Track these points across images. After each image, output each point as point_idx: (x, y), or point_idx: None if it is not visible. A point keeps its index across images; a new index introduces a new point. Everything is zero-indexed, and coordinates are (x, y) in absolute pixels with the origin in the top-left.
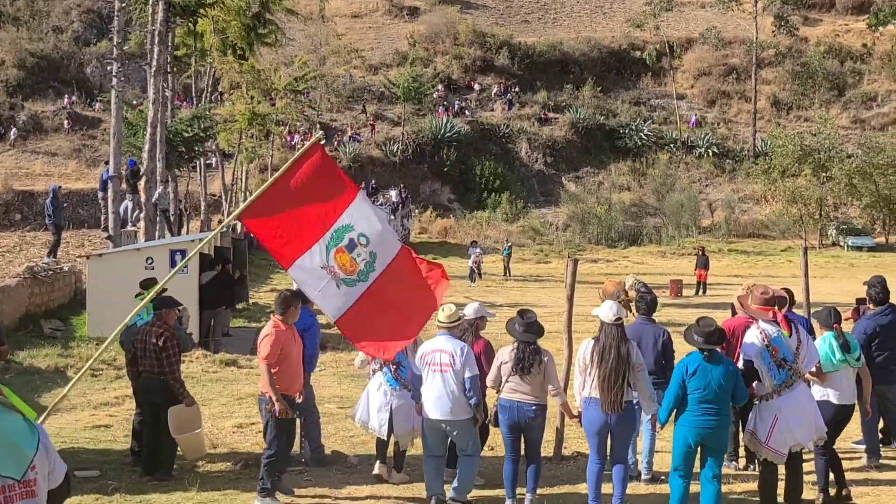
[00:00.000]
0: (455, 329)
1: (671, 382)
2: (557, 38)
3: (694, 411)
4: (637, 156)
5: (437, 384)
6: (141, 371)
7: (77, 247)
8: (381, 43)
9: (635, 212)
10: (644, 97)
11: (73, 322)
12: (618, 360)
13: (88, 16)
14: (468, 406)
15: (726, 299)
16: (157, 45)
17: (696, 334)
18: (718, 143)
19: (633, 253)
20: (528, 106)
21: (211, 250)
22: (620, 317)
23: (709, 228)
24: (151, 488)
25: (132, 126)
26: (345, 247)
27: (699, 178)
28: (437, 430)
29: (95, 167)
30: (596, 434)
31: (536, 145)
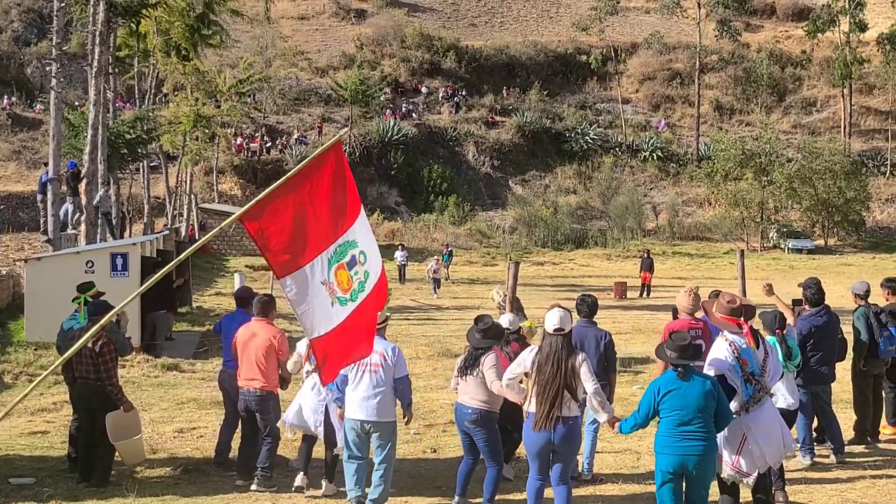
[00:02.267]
0: (383, 330)
1: (641, 402)
2: (504, 42)
3: (672, 436)
4: (583, 159)
5: (366, 384)
6: (77, 377)
7: (17, 250)
8: (328, 45)
9: (581, 215)
10: (590, 101)
11: (11, 327)
12: (555, 373)
13: (29, 15)
14: (394, 408)
15: (670, 301)
16: (98, 45)
17: (669, 349)
18: (663, 146)
19: (579, 255)
20: (475, 109)
21: (154, 253)
22: (563, 327)
23: (653, 231)
24: (88, 495)
25: (73, 127)
26: (346, 263)
27: (644, 182)
28: (359, 431)
29: (36, 169)
30: (536, 454)
31: (483, 148)
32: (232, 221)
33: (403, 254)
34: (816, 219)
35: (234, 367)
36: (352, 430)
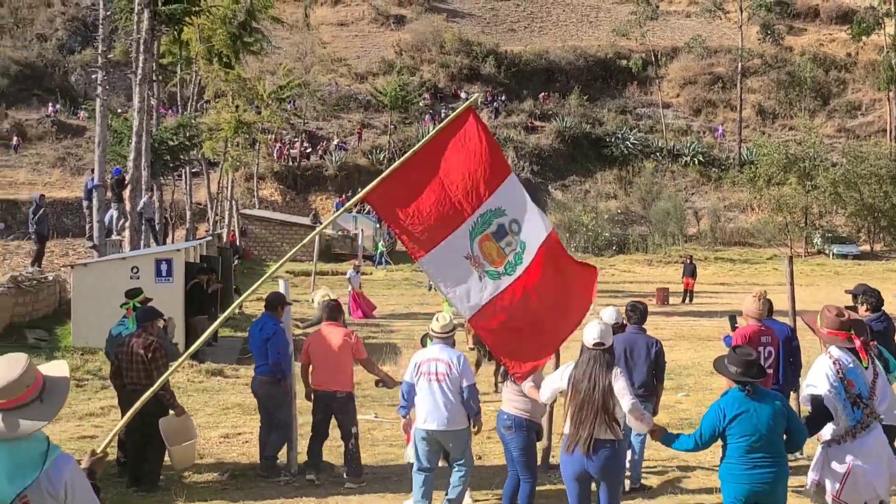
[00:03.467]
0: (449, 339)
1: (704, 425)
2: (544, 47)
3: (742, 463)
4: (623, 164)
5: (434, 394)
6: (126, 383)
7: (61, 256)
8: (368, 51)
9: (622, 220)
10: (630, 106)
11: (58, 332)
12: (591, 392)
13: (73, 24)
14: (464, 416)
15: (713, 307)
16: (142, 53)
17: (732, 364)
18: (704, 151)
19: (620, 261)
20: (514, 114)
21: (197, 258)
22: (603, 341)
23: (695, 236)
24: (138, 499)
25: (117, 134)
26: (492, 234)
27: (685, 187)
28: (431, 441)
29: (80, 176)
30: (572, 479)
31: (523, 154)
32: (357, 200)
33: None
34: (862, 224)
35: (264, 373)
36: (422, 441)
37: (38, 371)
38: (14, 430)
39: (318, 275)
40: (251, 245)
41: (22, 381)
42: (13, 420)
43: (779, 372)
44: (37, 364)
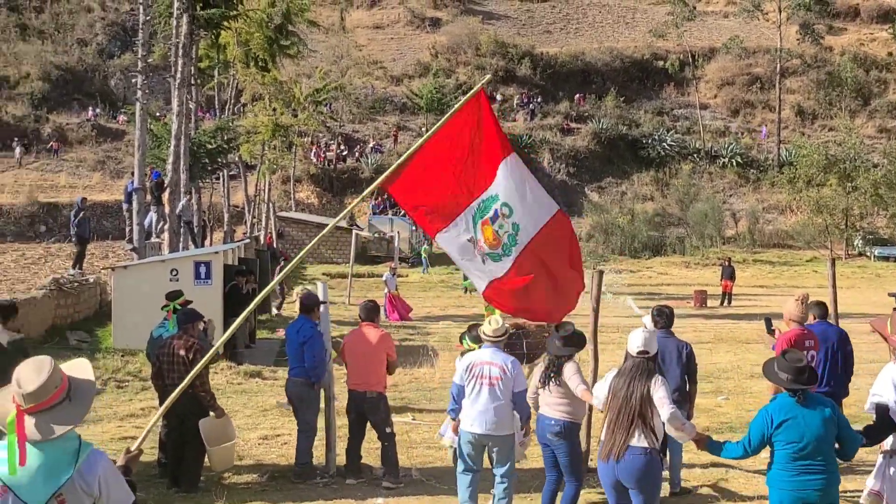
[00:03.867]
0: (501, 343)
1: (752, 431)
2: (579, 49)
3: (789, 470)
4: (660, 166)
5: (484, 397)
6: (167, 384)
7: (101, 258)
8: (403, 54)
9: (659, 222)
10: (667, 107)
11: (99, 334)
12: (629, 399)
13: (112, 28)
14: (511, 422)
15: (752, 310)
16: (181, 57)
17: (783, 371)
18: (742, 152)
19: (657, 263)
20: (550, 116)
21: (235, 261)
22: (647, 350)
23: (733, 238)
24: (178, 500)
25: (156, 138)
26: (490, 218)
27: (723, 188)
28: (476, 445)
29: (119, 179)
30: (611, 488)
31: (559, 155)
32: (374, 188)
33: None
34: None
35: (298, 375)
36: (468, 444)
37: (64, 372)
38: (48, 434)
39: (355, 277)
40: (288, 247)
41: (50, 383)
42: (45, 424)
43: (822, 377)
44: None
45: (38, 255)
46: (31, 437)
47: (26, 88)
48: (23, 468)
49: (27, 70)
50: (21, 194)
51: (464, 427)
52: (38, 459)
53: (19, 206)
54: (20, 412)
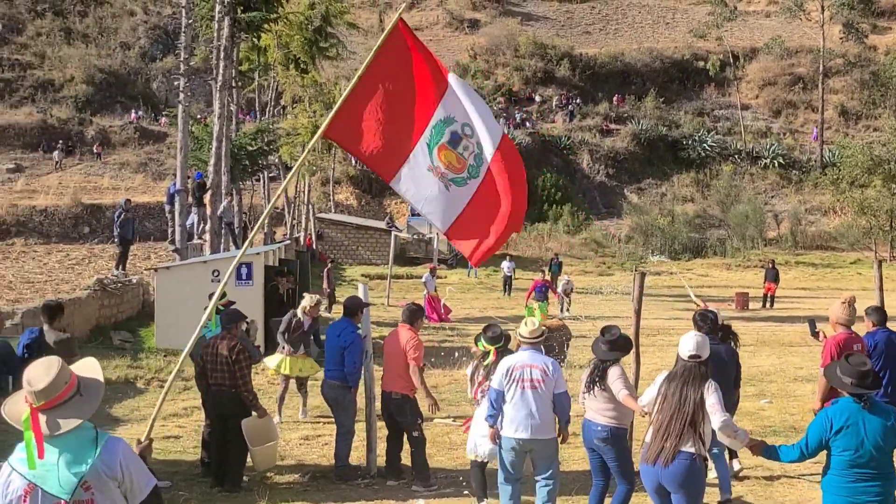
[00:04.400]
0: (538, 344)
1: (810, 434)
2: (619, 49)
3: (845, 476)
4: (700, 167)
5: (527, 402)
6: (211, 384)
7: (144, 259)
8: (442, 55)
9: (699, 223)
10: (707, 108)
11: (142, 333)
12: (681, 405)
13: (155, 32)
14: (553, 425)
15: (794, 312)
16: (222, 60)
17: (846, 374)
18: (784, 153)
19: (698, 265)
20: (589, 117)
21: (276, 262)
22: (700, 354)
23: (775, 240)
24: (221, 499)
25: (197, 140)
26: (447, 143)
27: (764, 190)
28: (519, 452)
29: (161, 181)
30: (652, 491)
31: (598, 157)
32: (317, 139)
33: (510, 264)
34: None
35: (335, 377)
36: (511, 451)
37: (72, 371)
38: (55, 430)
39: (394, 278)
40: (327, 248)
41: (59, 381)
42: (53, 420)
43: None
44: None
45: (82, 256)
46: (43, 433)
47: (71, 91)
48: (45, 464)
49: (72, 73)
50: (65, 196)
51: (506, 434)
52: (58, 453)
53: (63, 207)
54: (33, 410)
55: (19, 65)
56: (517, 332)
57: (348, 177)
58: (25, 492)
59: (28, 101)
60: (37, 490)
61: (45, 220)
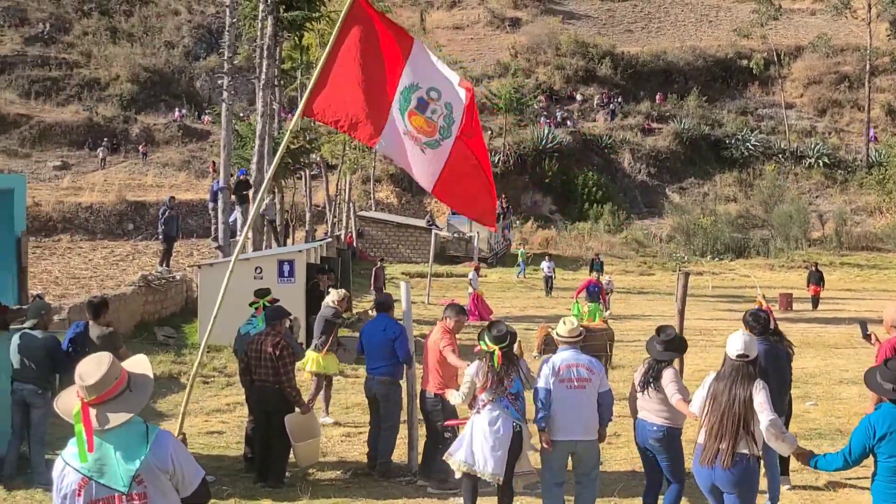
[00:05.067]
0: (578, 343)
1: (853, 441)
2: (661, 48)
3: (892, 482)
4: (743, 166)
5: (575, 402)
6: (255, 380)
7: (187, 256)
8: (483, 54)
9: (742, 223)
10: (751, 107)
11: (185, 329)
12: (731, 404)
13: (198, 31)
14: (597, 424)
15: (839, 314)
16: (265, 59)
17: (887, 380)
18: (829, 153)
19: (740, 265)
20: (630, 116)
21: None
22: (748, 353)
23: (819, 241)
24: (264, 494)
25: (240, 138)
26: (415, 108)
27: (809, 189)
28: (566, 452)
29: (204, 178)
30: (707, 492)
31: (639, 156)
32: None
33: (550, 264)
34: None
35: (384, 374)
36: (560, 452)
37: (123, 367)
38: (105, 424)
39: (434, 277)
40: (367, 247)
41: (109, 376)
42: (103, 414)
43: None
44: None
45: (126, 253)
46: (94, 426)
47: (116, 90)
48: (100, 457)
49: (117, 72)
50: (110, 193)
51: (556, 437)
52: (112, 447)
53: (108, 204)
54: (84, 404)
55: (66, 64)
56: (555, 332)
57: (389, 175)
58: (80, 485)
59: (74, 100)
60: (91, 483)
61: (90, 216)
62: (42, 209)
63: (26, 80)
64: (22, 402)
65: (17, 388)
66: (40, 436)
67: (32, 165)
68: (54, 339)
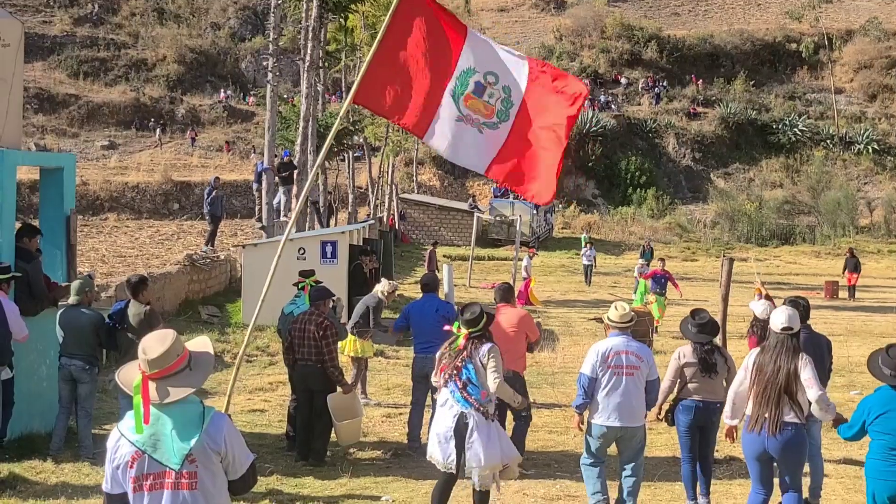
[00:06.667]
0: (629, 329)
1: (854, 418)
2: (708, 31)
3: (885, 459)
4: (791, 152)
5: (623, 388)
6: (298, 360)
7: (231, 236)
8: (528, 37)
9: (788, 210)
10: (799, 91)
11: (229, 309)
12: (776, 375)
13: (244, 12)
14: (644, 411)
15: (886, 303)
16: (310, 40)
17: (887, 367)
18: (879, 139)
19: (785, 252)
20: (676, 100)
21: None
22: (791, 326)
23: (867, 228)
24: (306, 472)
25: (284, 120)
26: (472, 92)
27: (857, 176)
28: (609, 438)
29: (247, 159)
30: (755, 460)
31: (684, 140)
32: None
33: (591, 252)
34: None
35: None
36: (600, 438)
37: (185, 346)
38: (164, 398)
39: (476, 260)
40: (409, 229)
41: (172, 352)
42: (164, 388)
43: None
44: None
45: (172, 232)
46: (153, 399)
47: (163, 71)
48: (155, 433)
49: (164, 53)
50: (156, 173)
51: (597, 421)
52: (169, 424)
53: (154, 184)
54: (144, 377)
55: (114, 44)
56: (606, 317)
57: (431, 158)
58: (133, 458)
59: (122, 80)
60: (144, 457)
61: (136, 196)
62: (90, 188)
63: (75, 61)
64: (69, 377)
65: (64, 364)
66: (87, 410)
67: (81, 145)
68: (100, 315)
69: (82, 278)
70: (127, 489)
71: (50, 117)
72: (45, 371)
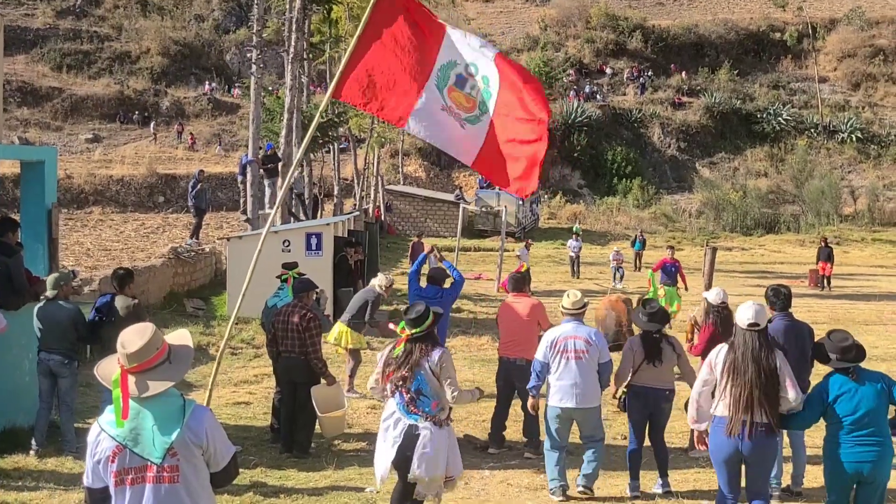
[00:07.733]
0: (581, 315)
1: (807, 405)
2: (693, 21)
3: (843, 442)
4: (775, 141)
5: (571, 372)
6: (281, 352)
7: (216, 229)
8: (512, 27)
9: (772, 199)
10: (783, 80)
11: (214, 302)
12: (758, 375)
13: (228, 4)
14: (598, 393)
15: (870, 290)
16: (294, 32)
17: (831, 351)
18: (863, 127)
19: (770, 241)
20: (661, 90)
21: (345, 233)
22: (758, 322)
23: (851, 217)
24: (290, 464)
25: (269, 112)
26: (454, 85)
27: (841, 165)
28: (564, 419)
29: (234, 151)
30: (723, 463)
31: (669, 130)
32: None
33: (577, 244)
34: None
35: None
36: (556, 419)
37: (164, 339)
38: (143, 392)
39: (462, 251)
40: (395, 220)
41: (151, 346)
42: (143, 382)
43: None
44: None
45: (157, 225)
46: (132, 393)
47: (146, 63)
48: (136, 427)
49: (147, 45)
50: (141, 166)
51: (552, 403)
52: (149, 418)
53: (139, 177)
54: (123, 371)
55: (97, 37)
56: (560, 304)
57: (417, 149)
58: (114, 452)
59: (105, 73)
60: (125, 451)
61: (121, 189)
62: (74, 181)
63: (58, 54)
64: (48, 371)
65: (43, 358)
66: (69, 405)
67: (65, 138)
68: (77, 309)
69: (59, 272)
70: (108, 483)
71: (33, 110)
72: (28, 366)
